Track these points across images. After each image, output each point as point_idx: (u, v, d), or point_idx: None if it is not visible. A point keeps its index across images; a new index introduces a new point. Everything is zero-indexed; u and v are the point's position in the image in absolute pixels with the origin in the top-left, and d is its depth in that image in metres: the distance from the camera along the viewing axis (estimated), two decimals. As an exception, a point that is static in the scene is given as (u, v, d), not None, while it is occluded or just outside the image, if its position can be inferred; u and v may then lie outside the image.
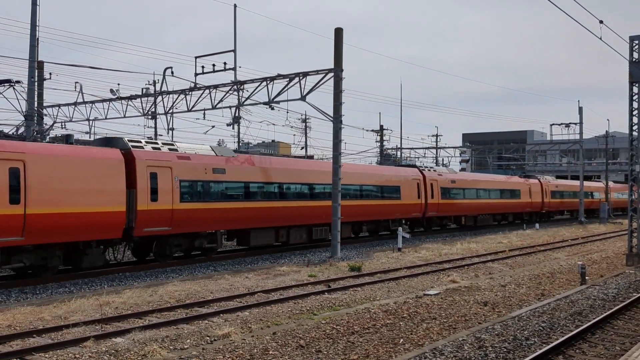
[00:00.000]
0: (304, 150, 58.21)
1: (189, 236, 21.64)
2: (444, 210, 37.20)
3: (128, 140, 20.18)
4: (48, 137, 25.98)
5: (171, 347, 10.35)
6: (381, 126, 58.70)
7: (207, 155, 22.26)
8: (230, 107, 28.26)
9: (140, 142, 20.72)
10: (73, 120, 31.87)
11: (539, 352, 9.73)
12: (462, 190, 39.40)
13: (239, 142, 49.15)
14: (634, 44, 22.19)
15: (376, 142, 58.39)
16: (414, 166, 38.49)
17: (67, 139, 19.57)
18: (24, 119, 28.13)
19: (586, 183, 62.40)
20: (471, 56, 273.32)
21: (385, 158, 61.63)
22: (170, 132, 38.89)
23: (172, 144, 21.66)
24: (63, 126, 32.21)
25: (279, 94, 25.56)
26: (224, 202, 22.18)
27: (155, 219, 19.65)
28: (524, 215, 49.48)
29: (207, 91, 27.46)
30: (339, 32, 24.54)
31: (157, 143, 21.17)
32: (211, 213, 21.61)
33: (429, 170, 37.21)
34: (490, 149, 75.45)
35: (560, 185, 55.93)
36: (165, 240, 20.85)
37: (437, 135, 69.42)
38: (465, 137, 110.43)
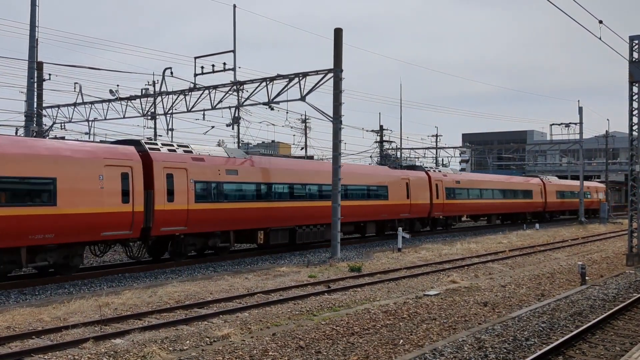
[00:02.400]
0: (303, 150, 58.19)
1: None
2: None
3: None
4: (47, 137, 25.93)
5: (170, 348, 10.33)
6: (381, 126, 58.66)
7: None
8: (229, 107, 28.28)
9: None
10: (72, 120, 31.89)
11: (539, 352, 9.72)
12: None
13: (238, 142, 49.13)
14: (634, 44, 22.17)
15: (376, 142, 58.36)
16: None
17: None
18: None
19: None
20: (471, 56, 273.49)
21: (385, 158, 61.59)
22: (169, 132, 38.90)
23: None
24: (62, 127, 32.23)
25: (278, 95, 25.56)
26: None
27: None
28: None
29: (206, 92, 27.45)
30: (338, 33, 24.53)
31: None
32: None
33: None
34: (490, 149, 75.42)
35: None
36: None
37: (437, 136, 69.43)
38: (465, 137, 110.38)
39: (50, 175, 16.73)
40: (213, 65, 26.62)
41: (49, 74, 31.76)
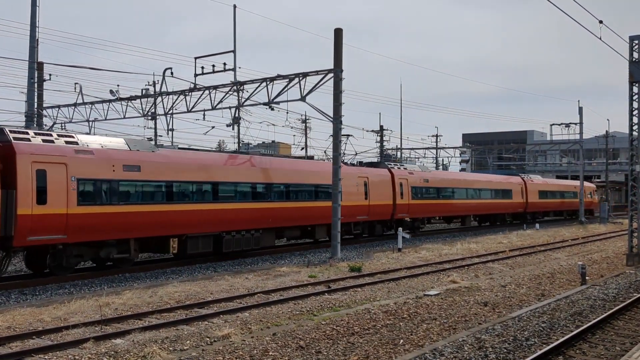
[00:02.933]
0: (304, 150, 58.21)
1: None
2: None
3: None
4: None
5: (171, 348, 10.34)
6: (381, 126, 58.70)
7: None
8: (230, 107, 28.29)
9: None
10: (73, 121, 31.90)
11: (539, 352, 9.72)
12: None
13: (239, 142, 49.14)
14: (634, 44, 22.18)
15: (376, 142, 58.38)
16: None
17: None
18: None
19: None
20: (471, 56, 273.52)
21: (386, 158, 61.60)
22: (170, 132, 38.91)
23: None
24: (63, 127, 32.23)
25: (278, 95, 25.57)
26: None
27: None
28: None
29: (206, 92, 27.46)
30: (338, 33, 24.54)
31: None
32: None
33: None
34: (490, 149, 75.42)
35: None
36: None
37: (437, 136, 69.44)
38: (465, 137, 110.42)
39: None
40: (213, 66, 26.65)
41: (50, 74, 31.81)
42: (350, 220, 28.71)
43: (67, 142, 17.95)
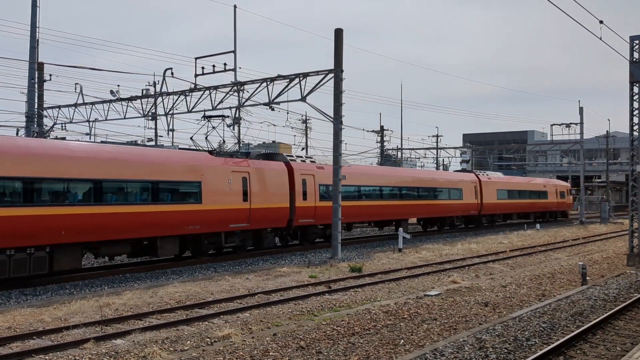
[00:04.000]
0: (304, 151, 58.26)
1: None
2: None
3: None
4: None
5: (171, 349, 10.34)
6: (382, 127, 58.75)
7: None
8: (230, 108, 28.30)
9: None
10: (73, 121, 31.93)
11: (540, 352, 9.72)
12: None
13: (239, 143, 49.16)
14: (634, 44, 22.17)
15: (377, 142, 58.43)
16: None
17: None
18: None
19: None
20: (471, 57, 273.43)
21: (386, 159, 61.66)
22: (170, 133, 38.94)
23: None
24: (63, 127, 32.27)
25: (279, 95, 25.58)
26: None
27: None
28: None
29: (207, 92, 27.47)
30: (339, 33, 24.54)
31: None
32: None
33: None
34: (490, 149, 75.40)
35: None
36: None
37: (437, 136, 69.45)
38: (466, 137, 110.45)
39: None
40: (214, 66, 26.65)
41: (50, 75, 31.86)
42: (218, 229, 22.00)
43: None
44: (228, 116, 26.29)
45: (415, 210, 34.34)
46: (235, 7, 27.10)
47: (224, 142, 28.21)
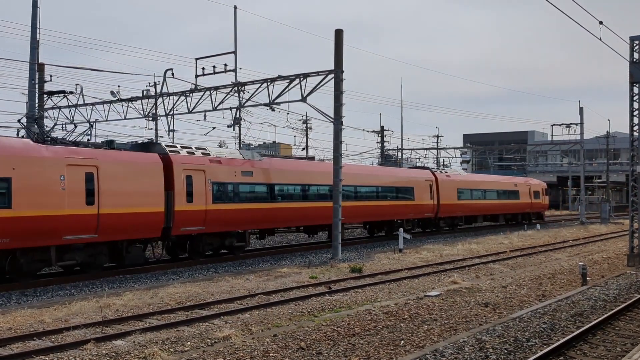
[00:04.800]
0: (304, 151, 58.26)
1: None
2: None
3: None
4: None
5: (172, 350, 10.35)
6: (382, 127, 58.75)
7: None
8: (230, 108, 28.32)
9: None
10: (74, 122, 31.91)
11: (540, 353, 9.72)
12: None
13: (239, 143, 49.20)
14: (634, 45, 22.17)
15: (377, 143, 58.44)
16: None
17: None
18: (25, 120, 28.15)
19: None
20: (471, 57, 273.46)
21: (387, 159, 61.67)
22: (170, 133, 38.95)
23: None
24: (64, 128, 32.27)
25: (279, 96, 25.59)
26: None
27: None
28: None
29: (207, 93, 27.48)
30: (339, 34, 24.55)
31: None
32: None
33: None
34: (491, 150, 75.42)
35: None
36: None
37: (437, 136, 69.46)
38: (466, 137, 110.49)
39: None
40: (214, 66, 26.66)
41: (50, 75, 31.81)
42: (44, 243, 16.87)
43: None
44: (71, 92, 25.05)
45: (352, 213, 28.41)
46: (235, 7, 27.11)
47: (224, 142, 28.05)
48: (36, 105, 30.21)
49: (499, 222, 45.06)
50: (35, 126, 28.58)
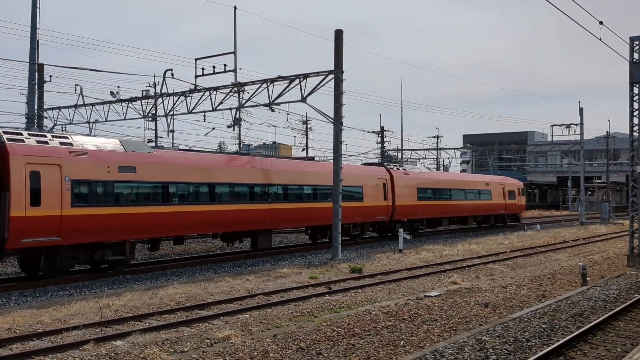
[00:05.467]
0: (304, 152, 58.30)
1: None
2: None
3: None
4: None
5: (171, 350, 10.34)
6: (382, 127, 58.77)
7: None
8: (230, 109, 28.32)
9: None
10: (73, 122, 31.93)
11: (540, 353, 9.71)
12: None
13: (239, 143, 49.23)
14: (634, 45, 22.17)
15: (377, 143, 58.45)
16: None
17: None
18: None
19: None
20: (471, 57, 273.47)
21: (387, 160, 61.66)
22: (170, 134, 38.94)
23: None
24: (63, 128, 32.28)
25: (279, 96, 25.60)
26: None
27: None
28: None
29: (207, 93, 27.48)
30: (339, 34, 24.55)
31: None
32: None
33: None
34: (491, 150, 75.46)
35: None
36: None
37: (437, 137, 69.47)
38: (466, 138, 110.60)
39: None
40: (214, 67, 26.66)
41: (50, 76, 31.84)
42: None
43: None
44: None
45: (283, 217, 24.82)
46: (235, 8, 27.12)
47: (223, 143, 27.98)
48: (36, 105, 30.21)
49: (470, 225, 41.38)
50: (35, 126, 28.58)
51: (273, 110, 27.07)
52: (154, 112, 31.29)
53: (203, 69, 26.74)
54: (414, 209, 33.47)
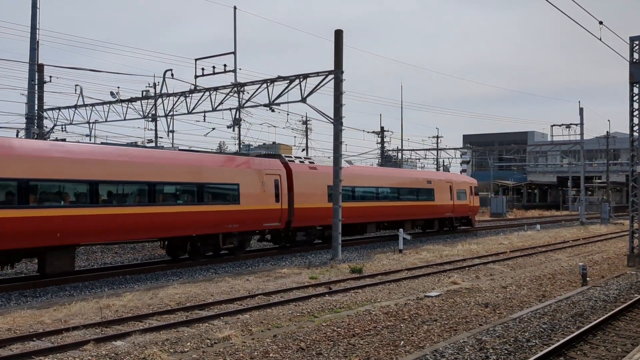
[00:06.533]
0: (304, 152, 58.30)
1: None
2: None
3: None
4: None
5: (171, 350, 10.34)
6: (382, 128, 58.80)
7: None
8: (230, 109, 28.31)
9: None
10: (73, 123, 31.95)
11: (540, 353, 9.71)
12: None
13: (239, 144, 49.24)
14: (634, 45, 22.17)
15: (377, 143, 58.47)
16: None
17: None
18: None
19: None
20: (471, 57, 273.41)
21: (386, 160, 61.68)
22: (170, 134, 38.95)
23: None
24: (63, 129, 32.31)
25: (279, 96, 25.59)
26: None
27: None
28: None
29: (207, 93, 27.48)
30: (339, 34, 24.55)
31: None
32: None
33: None
34: (491, 150, 75.45)
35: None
36: None
37: (437, 137, 69.46)
38: (466, 138, 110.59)
39: None
40: (214, 67, 26.66)
41: (50, 76, 31.89)
42: None
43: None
44: None
45: (100, 225, 18.03)
46: (235, 8, 27.12)
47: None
48: (36, 106, 30.22)
49: (414, 231, 34.66)
50: (35, 126, 28.57)
51: (273, 111, 27.07)
52: (153, 112, 31.32)
53: (203, 69, 26.75)
54: (324, 212, 25.99)
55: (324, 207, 26.27)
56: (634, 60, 22.16)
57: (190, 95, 28.16)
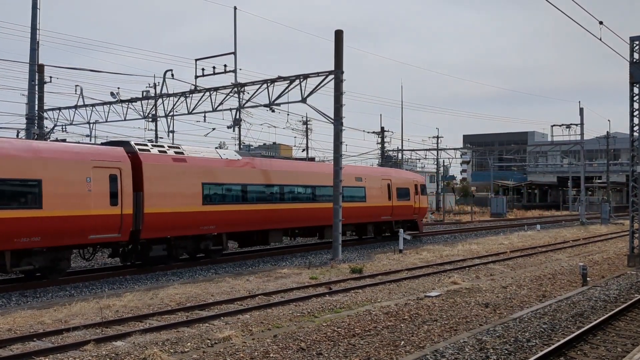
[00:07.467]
0: (304, 152, 58.30)
1: None
2: None
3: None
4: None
5: (172, 351, 10.34)
6: (382, 128, 58.80)
7: None
8: (230, 109, 28.31)
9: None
10: (74, 123, 31.96)
11: (540, 353, 9.71)
12: None
13: (239, 144, 49.26)
14: (634, 45, 22.17)
15: (377, 143, 58.48)
16: None
17: None
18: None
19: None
20: (471, 57, 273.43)
21: (387, 160, 61.68)
22: (170, 134, 38.95)
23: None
24: (64, 129, 32.32)
25: (279, 96, 25.59)
26: None
27: None
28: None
29: (207, 93, 27.49)
30: (339, 34, 24.55)
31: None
32: None
33: None
34: (491, 150, 75.45)
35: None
36: None
37: (437, 137, 69.45)
38: (466, 138, 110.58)
39: None
40: (214, 67, 26.67)
41: (50, 77, 31.90)
42: None
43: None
44: None
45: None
46: (235, 8, 27.12)
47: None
48: (36, 106, 30.23)
49: (328, 239, 26.48)
50: (36, 127, 28.58)
51: (273, 111, 27.09)
52: (154, 112, 31.32)
53: (203, 69, 26.76)
54: (195, 218, 20.83)
55: (196, 212, 20.80)
56: (634, 60, 22.15)
57: (191, 95, 28.17)
